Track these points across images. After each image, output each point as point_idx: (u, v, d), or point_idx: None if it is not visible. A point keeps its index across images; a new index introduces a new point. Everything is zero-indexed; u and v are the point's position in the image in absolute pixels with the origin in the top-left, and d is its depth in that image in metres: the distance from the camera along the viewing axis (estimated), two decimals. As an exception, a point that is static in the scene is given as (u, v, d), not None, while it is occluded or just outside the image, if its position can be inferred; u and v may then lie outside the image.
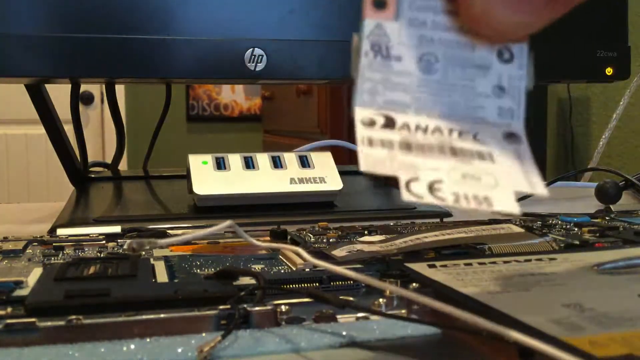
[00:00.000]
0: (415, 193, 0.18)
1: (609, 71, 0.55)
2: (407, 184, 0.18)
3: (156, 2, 0.51)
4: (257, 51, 0.53)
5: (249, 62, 0.54)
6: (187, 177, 0.53)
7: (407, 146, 0.19)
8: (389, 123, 0.20)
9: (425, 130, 0.19)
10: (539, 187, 0.19)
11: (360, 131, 0.19)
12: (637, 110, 1.69)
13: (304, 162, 0.55)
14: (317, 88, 2.30)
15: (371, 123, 0.19)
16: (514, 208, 0.18)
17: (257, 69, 0.54)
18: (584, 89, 2.07)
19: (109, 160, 0.64)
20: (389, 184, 0.66)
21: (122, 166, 0.64)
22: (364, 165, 0.19)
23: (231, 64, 0.53)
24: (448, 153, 0.19)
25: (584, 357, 0.17)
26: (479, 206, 0.18)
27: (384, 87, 0.20)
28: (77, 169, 0.59)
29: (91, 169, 0.64)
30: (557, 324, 0.20)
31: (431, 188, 0.18)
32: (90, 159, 0.62)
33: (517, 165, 0.19)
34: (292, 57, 0.54)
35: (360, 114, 0.19)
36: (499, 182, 0.18)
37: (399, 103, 0.20)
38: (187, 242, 0.37)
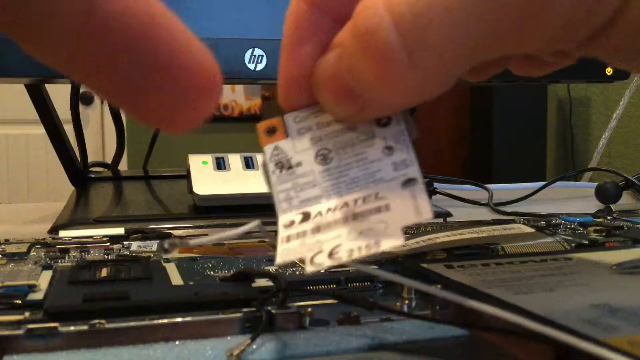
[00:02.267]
0: (316, 263, 0.20)
1: (609, 71, 0.56)
2: (312, 259, 0.20)
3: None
4: (257, 51, 0.53)
5: (249, 62, 0.53)
6: (187, 177, 0.53)
7: (317, 229, 0.21)
8: (305, 217, 0.22)
9: (334, 209, 0.22)
10: (425, 214, 0.20)
11: (280, 234, 0.22)
12: (637, 110, 1.70)
13: (305, 162, 0.55)
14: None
15: (290, 223, 0.22)
16: (398, 240, 0.20)
17: (257, 69, 0.53)
18: (584, 89, 2.08)
19: (109, 160, 0.63)
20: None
21: (122, 166, 0.64)
22: (279, 259, 0.21)
23: (231, 64, 0.53)
24: (350, 220, 0.21)
25: (629, 357, 0.17)
26: (369, 252, 0.20)
27: (295, 191, 0.22)
28: (77, 169, 0.58)
29: (91, 169, 0.63)
30: (591, 324, 0.20)
31: (330, 254, 0.20)
32: (90, 159, 0.62)
33: (409, 203, 0.21)
34: (292, 56, 0.54)
35: (282, 219, 0.22)
36: (389, 224, 0.20)
37: (311, 198, 0.22)
38: (215, 243, 0.37)
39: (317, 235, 0.21)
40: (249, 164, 0.54)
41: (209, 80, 0.16)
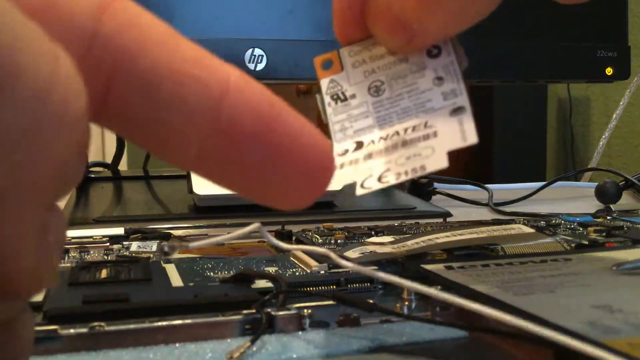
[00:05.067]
0: (366, 187, 0.22)
1: (609, 71, 0.56)
2: (362, 182, 0.22)
3: (156, 2, 0.50)
4: (257, 51, 0.53)
5: (249, 62, 0.53)
6: (187, 177, 0.53)
7: (369, 156, 0.22)
8: (359, 146, 0.23)
9: (385, 138, 0.23)
10: (470, 139, 0.21)
11: (335, 161, 0.23)
12: (637, 110, 1.70)
13: (305, 163, 0.55)
14: (317, 88, 2.30)
15: (344, 152, 0.23)
16: (443, 163, 0.21)
17: (257, 69, 0.53)
18: (584, 89, 2.07)
19: (109, 160, 0.63)
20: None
21: (122, 166, 0.64)
22: (333, 185, 0.22)
23: (231, 64, 0.53)
24: (400, 147, 0.22)
25: (629, 359, 0.17)
26: (414, 174, 0.21)
27: (350, 121, 0.24)
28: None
29: (91, 169, 0.63)
30: (591, 326, 0.20)
31: (379, 178, 0.22)
32: (90, 159, 0.62)
33: (456, 129, 0.21)
34: (292, 57, 0.54)
35: (337, 148, 0.23)
36: (436, 149, 0.21)
37: (365, 128, 0.23)
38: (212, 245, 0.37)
39: (369, 162, 0.22)
40: (248, 164, 0.54)
41: (327, 160, 0.16)
